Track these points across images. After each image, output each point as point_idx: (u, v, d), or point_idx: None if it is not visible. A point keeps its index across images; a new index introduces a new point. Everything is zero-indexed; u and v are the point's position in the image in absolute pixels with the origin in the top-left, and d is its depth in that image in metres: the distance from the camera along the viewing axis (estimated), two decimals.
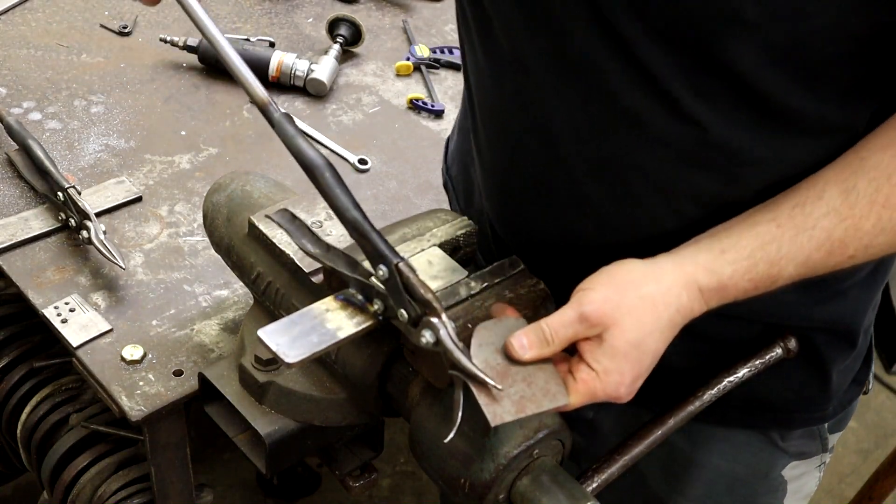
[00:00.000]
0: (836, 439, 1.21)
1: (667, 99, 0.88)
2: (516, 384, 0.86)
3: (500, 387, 0.84)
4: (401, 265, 0.86)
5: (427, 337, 0.85)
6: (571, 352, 0.90)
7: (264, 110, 0.90)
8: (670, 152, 0.92)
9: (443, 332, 0.84)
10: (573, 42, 0.90)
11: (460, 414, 0.86)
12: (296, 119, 1.66)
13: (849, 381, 1.17)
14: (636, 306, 0.87)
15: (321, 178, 0.88)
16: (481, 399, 0.84)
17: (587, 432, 1.20)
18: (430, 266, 1.00)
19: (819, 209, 0.87)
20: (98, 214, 1.39)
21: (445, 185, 1.36)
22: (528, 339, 0.88)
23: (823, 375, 1.11)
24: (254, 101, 0.91)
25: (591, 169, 0.97)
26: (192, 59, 1.73)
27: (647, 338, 0.87)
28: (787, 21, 0.81)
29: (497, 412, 0.85)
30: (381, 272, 0.87)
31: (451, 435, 0.85)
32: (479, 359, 0.87)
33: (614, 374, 0.87)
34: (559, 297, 0.96)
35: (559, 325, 0.88)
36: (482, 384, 0.84)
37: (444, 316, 0.84)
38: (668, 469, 1.19)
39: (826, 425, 1.17)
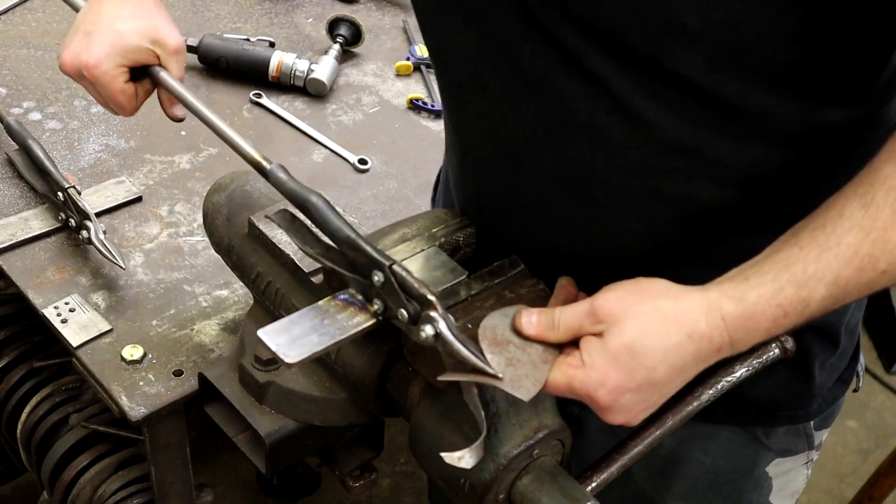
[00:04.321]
0: (823, 436, 1.20)
1: (622, 108, 0.88)
2: (496, 356, 0.86)
3: (500, 376, 0.84)
4: (394, 267, 0.87)
5: (427, 331, 0.85)
6: None
7: (258, 167, 1.00)
8: (629, 161, 0.92)
9: (441, 325, 0.84)
10: (525, 58, 0.91)
11: (485, 422, 0.86)
12: (296, 119, 1.67)
13: (833, 380, 1.16)
14: (646, 314, 0.84)
15: (314, 209, 0.94)
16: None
17: (573, 429, 1.20)
18: (429, 266, 1.01)
19: (841, 227, 0.84)
20: (98, 214, 1.39)
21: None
22: (537, 318, 0.88)
23: (806, 373, 1.11)
24: (247, 160, 1.02)
25: (555, 180, 0.98)
26: (193, 59, 1.73)
27: (645, 349, 0.84)
28: (725, 28, 0.81)
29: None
30: (376, 278, 0.88)
31: (482, 435, 0.86)
32: (491, 321, 0.88)
33: (597, 371, 0.85)
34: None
35: (569, 314, 0.87)
36: (482, 374, 0.84)
37: (441, 308, 0.85)
38: (652, 465, 1.19)
39: (812, 423, 1.16)
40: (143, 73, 1.13)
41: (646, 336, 0.84)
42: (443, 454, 0.86)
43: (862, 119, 0.92)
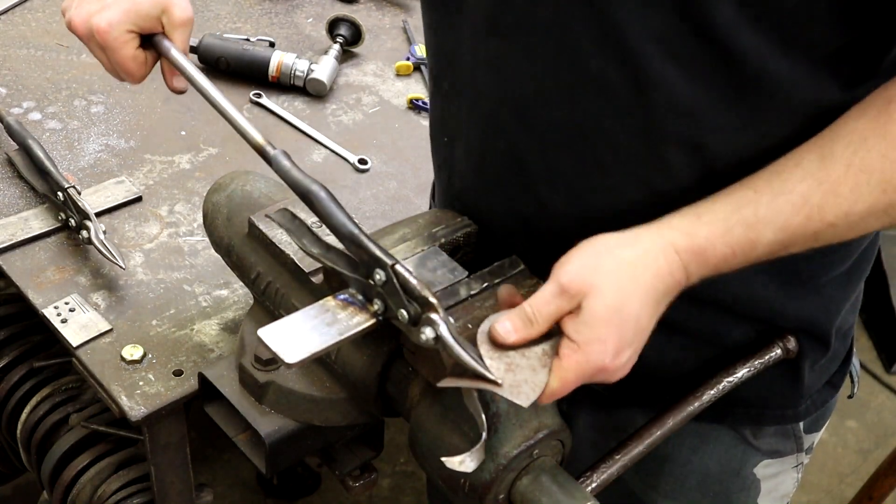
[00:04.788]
0: (814, 440, 1.20)
1: (636, 63, 0.88)
2: (495, 361, 0.86)
3: (500, 382, 0.84)
4: (396, 266, 0.87)
5: (427, 333, 0.85)
6: None
7: (260, 151, 0.99)
8: (637, 121, 0.92)
9: (442, 328, 0.84)
10: (546, 3, 0.90)
11: (485, 422, 0.86)
12: (296, 119, 1.67)
13: (823, 382, 1.16)
14: (613, 270, 0.86)
15: (317, 201, 0.93)
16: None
17: None
18: (429, 266, 1.01)
19: (796, 175, 0.87)
20: (98, 214, 1.39)
21: None
22: (511, 323, 0.88)
23: (795, 373, 1.11)
24: (250, 143, 1.00)
25: (561, 138, 0.97)
26: (192, 59, 1.73)
27: (627, 301, 0.86)
28: None
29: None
30: (378, 276, 0.88)
31: (483, 438, 0.86)
32: (489, 325, 0.88)
33: (594, 342, 0.85)
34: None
35: (541, 302, 0.87)
36: (481, 378, 0.84)
37: (441, 311, 0.84)
38: (640, 463, 1.19)
39: (801, 425, 1.16)
40: (150, 41, 1.11)
41: (622, 289, 0.86)
42: (444, 459, 0.86)
43: None
